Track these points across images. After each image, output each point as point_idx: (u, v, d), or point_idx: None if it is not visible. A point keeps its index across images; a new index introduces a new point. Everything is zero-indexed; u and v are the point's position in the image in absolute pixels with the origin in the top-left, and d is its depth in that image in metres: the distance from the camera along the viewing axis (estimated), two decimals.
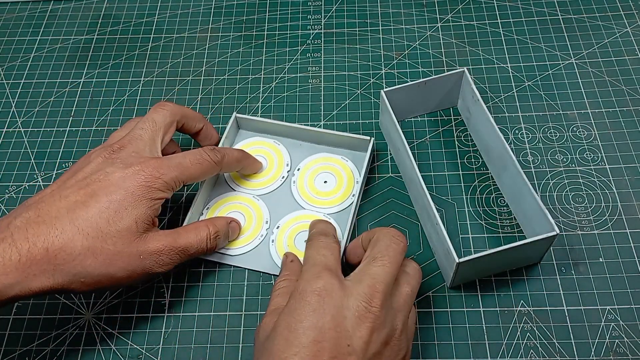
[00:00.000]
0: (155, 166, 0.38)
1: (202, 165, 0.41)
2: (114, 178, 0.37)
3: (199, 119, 0.46)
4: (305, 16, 0.60)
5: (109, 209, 0.36)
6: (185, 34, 0.59)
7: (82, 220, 0.36)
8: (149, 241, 0.38)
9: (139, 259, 0.37)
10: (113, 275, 0.36)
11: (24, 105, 0.55)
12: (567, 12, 0.58)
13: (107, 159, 0.39)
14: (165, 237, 0.38)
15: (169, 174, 0.39)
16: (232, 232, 0.44)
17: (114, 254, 0.36)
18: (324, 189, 0.47)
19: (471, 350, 0.40)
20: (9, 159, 0.52)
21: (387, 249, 0.36)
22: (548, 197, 0.46)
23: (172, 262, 0.39)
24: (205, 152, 0.42)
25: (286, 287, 0.39)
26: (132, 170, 0.38)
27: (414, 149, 0.49)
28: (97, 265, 0.36)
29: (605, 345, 0.40)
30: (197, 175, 0.41)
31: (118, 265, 0.36)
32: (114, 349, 0.42)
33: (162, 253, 0.38)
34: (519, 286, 0.42)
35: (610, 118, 0.50)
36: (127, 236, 0.37)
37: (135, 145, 0.40)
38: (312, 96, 0.54)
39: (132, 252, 0.37)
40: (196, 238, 0.40)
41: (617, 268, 0.43)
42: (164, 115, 0.42)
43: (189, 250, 0.40)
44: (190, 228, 0.41)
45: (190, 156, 0.41)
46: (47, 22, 0.62)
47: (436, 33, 0.57)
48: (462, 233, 0.45)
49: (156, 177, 0.38)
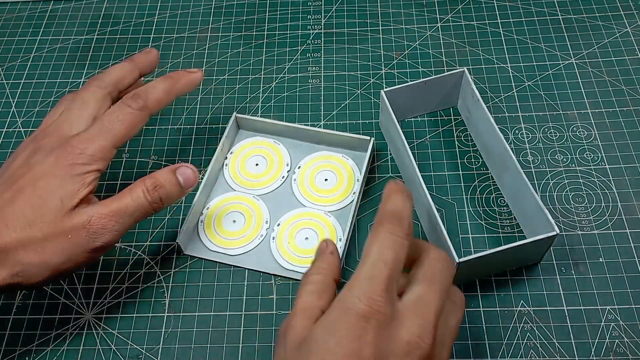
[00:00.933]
0: (75, 143, 0.37)
1: (126, 120, 0.39)
2: (37, 168, 0.37)
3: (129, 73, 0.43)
4: (305, 16, 0.60)
5: (33, 197, 0.36)
6: (185, 34, 0.60)
7: (9, 215, 0.36)
8: (75, 216, 0.36)
9: (68, 239, 0.36)
10: (49, 262, 0.36)
11: (24, 105, 0.55)
12: (567, 12, 0.58)
13: (32, 150, 0.38)
14: (94, 206, 0.37)
15: (92, 146, 0.37)
16: (185, 179, 0.40)
17: (43, 241, 0.36)
18: (325, 186, 0.47)
19: (471, 350, 0.40)
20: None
21: (441, 274, 0.32)
22: (548, 197, 0.46)
23: (110, 230, 0.37)
24: (124, 104, 0.40)
25: (320, 284, 0.34)
26: (54, 155, 0.37)
27: (414, 149, 0.49)
28: (31, 256, 0.35)
29: (605, 345, 0.40)
30: (126, 132, 0.39)
31: (50, 250, 0.36)
32: (114, 349, 0.42)
33: (92, 224, 0.36)
34: (519, 286, 0.42)
35: (610, 118, 0.50)
36: (52, 219, 0.36)
37: (61, 129, 0.39)
38: (312, 96, 0.54)
39: (58, 233, 0.36)
40: (131, 196, 0.38)
41: (617, 268, 0.43)
42: (93, 92, 0.40)
43: (125, 211, 0.37)
44: (125, 189, 0.38)
45: (108, 116, 0.39)
46: (47, 22, 0.62)
47: (436, 33, 0.57)
48: (462, 233, 0.45)
49: (77, 153, 0.37)
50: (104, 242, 0.37)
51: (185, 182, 0.40)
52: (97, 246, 0.37)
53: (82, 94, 0.41)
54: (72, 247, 0.36)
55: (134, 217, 0.38)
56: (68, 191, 0.36)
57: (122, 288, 0.44)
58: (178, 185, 0.40)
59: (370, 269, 0.31)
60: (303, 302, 0.33)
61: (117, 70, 0.42)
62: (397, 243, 0.32)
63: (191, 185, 0.40)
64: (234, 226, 0.46)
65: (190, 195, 0.48)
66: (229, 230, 0.46)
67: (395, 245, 0.32)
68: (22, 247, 0.35)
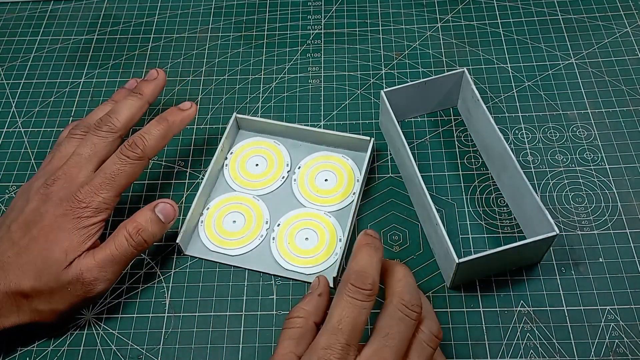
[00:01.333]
0: (82, 197, 0.40)
1: (126, 170, 0.41)
2: (47, 218, 0.39)
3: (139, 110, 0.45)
4: (305, 16, 0.60)
5: (44, 248, 0.39)
6: (185, 34, 0.59)
7: (26, 265, 0.39)
8: (70, 271, 0.39)
9: (67, 291, 0.39)
10: (56, 309, 0.40)
11: (24, 105, 0.55)
12: (567, 12, 0.58)
13: (43, 195, 0.40)
14: (84, 259, 0.39)
15: (97, 199, 0.40)
16: (165, 215, 0.42)
17: (49, 292, 0.39)
18: (325, 187, 0.47)
19: (471, 351, 0.40)
20: (9, 159, 0.52)
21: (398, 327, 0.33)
22: (548, 197, 0.46)
23: (102, 280, 0.40)
24: (123, 156, 0.41)
25: (300, 329, 0.36)
26: (63, 208, 0.39)
27: (414, 149, 0.49)
28: (43, 304, 0.39)
29: (605, 345, 0.40)
30: (126, 182, 0.41)
31: (56, 300, 0.39)
32: (114, 349, 0.42)
33: (84, 277, 0.39)
34: (519, 286, 0.42)
35: (610, 118, 0.50)
36: (55, 272, 0.39)
37: (69, 174, 0.41)
38: (312, 96, 0.54)
39: (60, 285, 0.39)
40: (114, 245, 0.40)
41: (617, 268, 0.43)
42: (104, 138, 0.42)
43: (112, 260, 0.40)
44: (110, 238, 0.40)
45: (109, 167, 0.41)
46: (47, 22, 0.62)
47: (436, 33, 0.57)
48: (462, 233, 0.45)
49: (84, 207, 0.40)
50: (98, 291, 0.40)
51: (166, 218, 0.42)
52: (94, 294, 0.40)
53: (93, 138, 0.42)
54: (72, 297, 0.39)
55: (121, 264, 0.40)
56: (74, 244, 0.39)
57: (123, 288, 0.44)
58: (159, 222, 0.41)
59: (328, 338, 0.33)
60: (285, 347, 0.35)
61: (127, 110, 0.44)
62: (356, 308, 0.33)
63: (172, 219, 0.42)
64: (234, 226, 0.46)
65: (190, 195, 0.48)
66: (229, 230, 0.46)
67: (355, 311, 0.33)
68: (36, 296, 0.39)
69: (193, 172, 0.50)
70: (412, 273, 0.36)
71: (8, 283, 0.38)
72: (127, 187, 0.42)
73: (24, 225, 0.40)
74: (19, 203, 0.41)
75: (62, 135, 0.46)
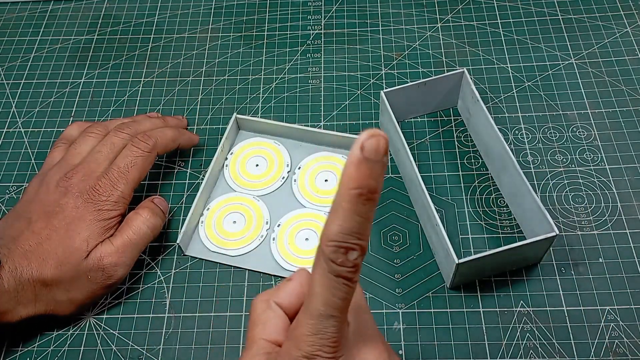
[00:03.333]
0: (101, 190, 0.42)
1: (138, 163, 0.43)
2: (68, 209, 0.41)
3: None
4: (305, 16, 0.60)
5: (65, 237, 0.40)
6: (185, 34, 0.59)
7: (47, 254, 0.40)
8: (91, 257, 0.40)
9: (87, 279, 0.40)
10: (74, 299, 0.41)
11: (24, 105, 0.55)
12: (567, 12, 0.58)
13: (63, 188, 0.42)
14: (102, 246, 0.41)
15: (115, 193, 0.42)
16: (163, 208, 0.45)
17: (69, 281, 0.40)
18: (325, 187, 0.47)
19: (471, 351, 0.40)
20: (9, 159, 0.52)
21: None
22: (548, 198, 0.46)
23: (121, 265, 0.41)
24: (135, 147, 0.44)
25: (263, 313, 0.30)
26: (83, 199, 0.41)
27: (413, 149, 0.49)
28: (61, 294, 0.40)
29: (605, 345, 0.40)
30: (139, 176, 0.43)
31: (75, 289, 0.40)
32: (115, 350, 0.42)
33: (104, 264, 0.40)
34: (519, 286, 0.42)
35: (610, 118, 0.50)
36: (76, 261, 0.40)
37: (88, 168, 0.42)
38: (312, 96, 0.54)
39: (80, 274, 0.40)
40: (131, 230, 0.42)
41: (617, 268, 0.43)
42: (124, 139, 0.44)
43: (129, 244, 0.41)
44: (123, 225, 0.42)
45: (123, 160, 0.43)
46: (47, 22, 0.62)
47: (436, 33, 0.57)
48: (462, 234, 0.45)
49: (103, 200, 0.41)
50: (118, 277, 0.41)
51: (164, 210, 0.45)
52: (113, 282, 0.41)
53: (113, 138, 0.44)
54: (91, 285, 0.41)
55: (138, 247, 0.42)
56: (94, 234, 0.41)
57: (123, 289, 0.44)
58: (162, 212, 0.44)
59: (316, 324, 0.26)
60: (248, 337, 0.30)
61: (150, 124, 0.47)
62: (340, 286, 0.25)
63: (166, 212, 0.45)
64: (234, 227, 0.46)
65: (190, 196, 0.48)
66: (230, 231, 0.46)
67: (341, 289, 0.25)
68: (56, 285, 0.40)
69: (193, 173, 0.50)
70: None
71: (30, 271, 0.39)
72: (139, 182, 0.43)
73: (44, 216, 0.41)
74: (40, 195, 0.42)
75: (68, 131, 0.48)
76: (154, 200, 0.44)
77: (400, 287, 0.43)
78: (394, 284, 0.43)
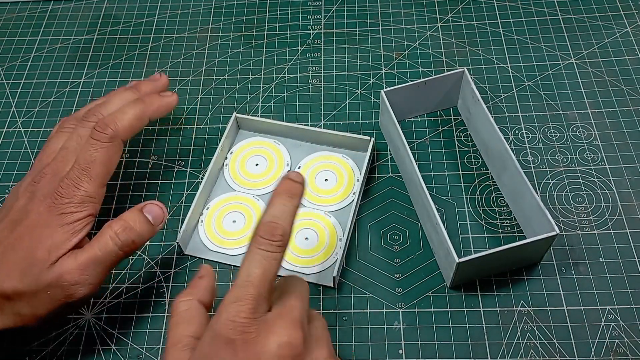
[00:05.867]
0: (63, 192, 0.37)
1: (99, 156, 0.38)
2: (32, 216, 0.37)
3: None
4: (305, 16, 0.60)
5: (29, 246, 0.36)
6: (185, 34, 0.60)
7: (10, 264, 0.36)
8: (50, 273, 0.36)
9: (48, 294, 0.36)
10: (38, 314, 0.36)
11: (24, 105, 0.55)
12: (567, 12, 0.58)
13: (30, 193, 0.38)
14: (65, 260, 0.36)
15: (78, 192, 0.37)
16: (154, 216, 0.39)
17: (31, 295, 0.36)
18: (325, 186, 0.47)
19: (471, 350, 0.40)
20: (9, 159, 0.52)
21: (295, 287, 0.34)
22: (548, 197, 0.46)
23: (83, 284, 0.36)
24: (93, 140, 0.38)
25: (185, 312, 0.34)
26: (46, 204, 0.37)
27: (414, 149, 0.49)
28: (25, 308, 0.36)
29: (605, 345, 0.40)
30: (105, 169, 0.39)
31: (37, 304, 0.36)
32: (114, 349, 0.42)
33: (64, 280, 0.36)
34: (519, 286, 0.42)
35: (610, 118, 0.50)
36: (37, 273, 0.36)
37: (55, 169, 0.39)
38: (312, 96, 0.54)
39: (40, 288, 0.36)
40: (98, 246, 0.37)
41: (617, 268, 0.43)
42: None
43: (95, 262, 0.37)
44: (94, 238, 0.38)
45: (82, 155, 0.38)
46: (47, 22, 0.62)
47: (436, 33, 0.57)
48: (462, 233, 0.45)
49: (66, 202, 0.37)
50: (80, 296, 0.37)
51: (155, 220, 0.39)
52: (76, 300, 0.37)
53: (80, 130, 0.40)
54: (53, 301, 0.36)
55: (104, 265, 0.37)
56: (57, 242, 0.36)
57: (122, 288, 0.44)
58: (148, 223, 0.39)
59: (237, 291, 0.31)
60: (172, 336, 0.33)
61: (119, 101, 0.42)
62: (266, 260, 0.32)
63: (160, 222, 0.40)
64: (234, 226, 0.46)
65: (190, 195, 0.48)
66: (229, 230, 0.46)
67: (264, 262, 0.32)
68: (18, 298, 0.36)
69: (193, 172, 0.50)
70: None
71: None
72: (108, 176, 0.39)
73: (10, 224, 0.37)
74: (8, 202, 0.39)
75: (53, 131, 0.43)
76: (145, 207, 0.39)
77: (400, 286, 0.43)
78: (394, 283, 0.43)
